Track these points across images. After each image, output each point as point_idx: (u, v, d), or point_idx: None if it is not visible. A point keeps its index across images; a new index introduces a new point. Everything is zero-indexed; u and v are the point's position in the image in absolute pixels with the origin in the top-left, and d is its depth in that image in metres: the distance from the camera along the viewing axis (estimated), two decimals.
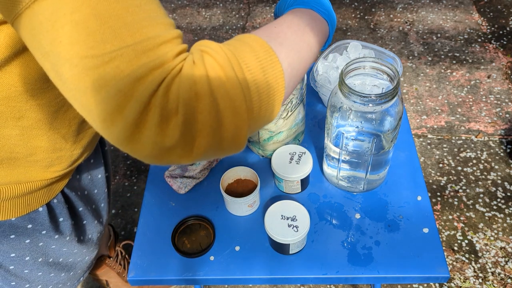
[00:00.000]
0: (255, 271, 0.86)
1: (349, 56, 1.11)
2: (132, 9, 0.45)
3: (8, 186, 0.73)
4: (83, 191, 0.93)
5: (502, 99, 2.11)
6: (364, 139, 0.82)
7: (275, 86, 0.51)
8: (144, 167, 1.94)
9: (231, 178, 0.96)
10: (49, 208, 0.83)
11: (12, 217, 0.77)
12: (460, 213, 1.71)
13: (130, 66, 0.43)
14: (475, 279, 1.54)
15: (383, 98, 0.74)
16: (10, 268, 0.86)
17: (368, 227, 0.90)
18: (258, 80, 0.49)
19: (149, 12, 0.46)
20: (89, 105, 0.44)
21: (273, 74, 0.51)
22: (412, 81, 2.23)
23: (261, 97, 0.49)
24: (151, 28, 0.45)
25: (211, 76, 0.45)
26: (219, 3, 2.79)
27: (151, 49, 0.44)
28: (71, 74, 0.43)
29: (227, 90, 0.46)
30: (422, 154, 1.92)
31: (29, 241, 0.83)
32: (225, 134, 0.47)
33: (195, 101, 0.44)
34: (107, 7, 0.43)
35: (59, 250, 0.91)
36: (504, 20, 2.53)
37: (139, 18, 0.45)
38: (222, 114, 0.46)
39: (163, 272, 0.87)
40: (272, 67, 0.51)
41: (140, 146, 0.45)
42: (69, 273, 1.00)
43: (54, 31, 0.42)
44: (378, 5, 2.70)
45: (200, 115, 0.44)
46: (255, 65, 0.49)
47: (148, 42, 0.44)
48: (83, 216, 0.95)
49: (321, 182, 0.99)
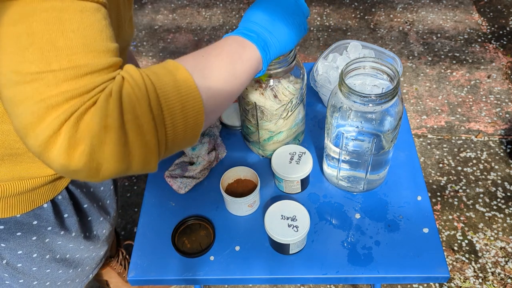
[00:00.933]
0: (255, 271, 0.86)
1: (349, 56, 1.11)
2: (67, 34, 0.46)
3: (11, 182, 0.74)
4: (88, 188, 0.93)
5: (502, 99, 2.11)
6: (364, 139, 0.82)
7: (192, 121, 0.53)
8: None
9: (231, 178, 0.96)
10: (54, 204, 0.83)
11: (17, 214, 0.77)
12: (460, 213, 1.71)
13: (48, 92, 0.44)
14: (475, 279, 1.54)
15: (383, 98, 0.74)
16: (18, 266, 0.86)
17: (368, 227, 0.90)
18: (175, 117, 0.51)
19: (85, 38, 0.47)
20: (9, 112, 0.47)
21: (193, 110, 0.52)
22: (412, 81, 2.23)
23: (176, 131, 0.51)
24: (82, 55, 0.46)
25: (125, 109, 0.47)
26: (219, 3, 2.79)
27: (74, 78, 0.46)
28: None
29: (139, 125, 0.48)
30: (422, 154, 1.92)
31: (36, 238, 0.84)
32: (133, 163, 0.49)
33: (104, 134, 0.46)
34: (42, 28, 0.45)
35: (65, 246, 0.91)
36: (504, 20, 2.53)
37: (72, 44, 0.46)
38: (131, 146, 0.48)
39: (163, 272, 0.87)
40: (192, 104, 0.52)
41: (50, 162, 0.47)
42: (77, 270, 1.00)
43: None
44: (378, 5, 2.70)
45: (107, 147, 0.46)
46: (175, 101, 0.50)
47: (73, 71, 0.46)
48: (88, 213, 0.95)
49: (321, 182, 0.99)
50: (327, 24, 2.59)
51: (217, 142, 1.06)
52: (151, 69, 0.52)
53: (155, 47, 2.55)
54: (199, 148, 1.01)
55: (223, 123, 1.12)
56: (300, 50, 2.44)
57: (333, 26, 2.57)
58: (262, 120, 0.92)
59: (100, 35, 0.49)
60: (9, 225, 0.79)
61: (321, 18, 2.63)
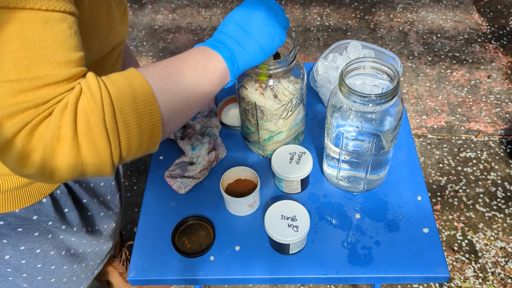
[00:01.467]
0: (255, 271, 0.86)
1: (349, 56, 1.11)
2: (28, 44, 0.47)
3: (5, 177, 0.74)
4: (88, 184, 0.94)
5: (502, 99, 2.11)
6: (364, 139, 0.82)
7: (148, 134, 0.54)
8: (144, 167, 1.94)
9: (231, 178, 0.96)
10: (53, 199, 0.84)
11: (15, 209, 0.78)
12: (460, 213, 1.71)
13: (5, 101, 0.46)
14: (475, 279, 1.54)
15: (383, 98, 0.74)
16: (22, 262, 0.86)
17: (368, 227, 0.90)
18: (130, 129, 0.52)
19: (46, 49, 0.48)
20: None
21: (149, 123, 0.53)
22: (412, 81, 2.23)
23: (131, 143, 0.52)
24: (41, 67, 0.47)
25: (79, 121, 0.49)
26: (219, 3, 2.79)
27: (31, 89, 0.47)
28: None
29: (92, 137, 0.49)
30: (422, 154, 1.92)
31: (38, 233, 0.84)
32: (87, 171, 0.51)
33: (57, 144, 0.48)
34: (3, 38, 0.46)
35: (68, 240, 0.92)
36: (504, 20, 2.53)
37: (32, 55, 0.47)
38: (84, 156, 0.49)
39: (163, 272, 0.87)
40: (149, 117, 0.53)
41: (6, 164, 0.49)
42: (81, 265, 1.00)
43: None
44: (378, 5, 2.70)
45: (59, 157, 0.48)
46: (131, 114, 0.51)
47: (31, 82, 0.47)
48: (88, 208, 0.95)
49: (321, 182, 0.99)
50: (327, 24, 2.59)
51: (217, 142, 1.06)
52: (112, 79, 0.53)
53: (155, 47, 2.55)
54: (199, 148, 1.01)
55: (223, 123, 1.12)
56: (300, 50, 2.44)
57: (333, 26, 2.57)
58: (262, 120, 0.93)
59: (63, 45, 0.49)
60: (9, 220, 0.79)
61: (321, 18, 2.63)
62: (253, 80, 0.88)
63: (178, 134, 1.07)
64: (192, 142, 1.03)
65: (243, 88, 0.90)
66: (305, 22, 2.61)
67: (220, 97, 1.18)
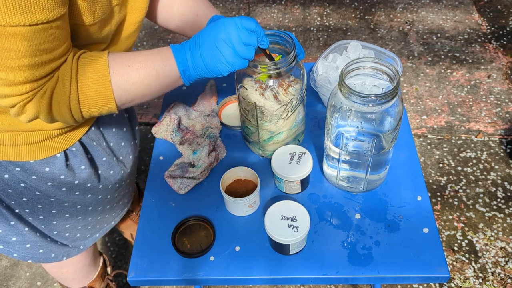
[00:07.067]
0: (255, 271, 0.86)
1: (349, 56, 1.11)
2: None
3: (24, 132, 0.85)
4: (103, 135, 1.01)
5: (502, 99, 2.11)
6: (364, 139, 0.82)
7: (106, 110, 0.77)
8: (144, 167, 1.94)
9: (231, 178, 0.96)
10: (66, 155, 0.92)
11: (31, 159, 0.87)
12: (460, 213, 1.71)
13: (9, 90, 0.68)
14: (475, 279, 1.54)
15: (383, 98, 0.75)
16: (38, 207, 0.96)
17: (368, 227, 0.90)
18: (90, 109, 0.75)
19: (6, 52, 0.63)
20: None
21: (106, 107, 0.76)
22: (412, 81, 2.23)
23: (91, 115, 0.77)
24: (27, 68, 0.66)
25: (53, 103, 0.73)
26: (219, 3, 2.79)
27: (29, 81, 0.68)
28: None
29: (61, 112, 0.74)
30: (422, 154, 1.92)
31: (51, 184, 0.93)
32: (58, 123, 0.83)
33: (38, 114, 0.74)
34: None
35: (84, 198, 1.01)
36: (504, 20, 2.53)
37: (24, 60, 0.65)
38: (56, 119, 0.76)
39: (163, 272, 0.87)
40: (106, 105, 0.75)
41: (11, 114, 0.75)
42: (97, 217, 1.10)
43: None
44: (378, 5, 2.70)
45: (40, 117, 0.75)
46: (91, 101, 0.74)
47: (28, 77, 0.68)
48: (99, 165, 1.00)
49: (321, 182, 0.99)
50: (327, 24, 2.59)
51: (217, 142, 1.06)
52: (85, 63, 0.73)
53: (155, 47, 2.55)
54: (199, 152, 1.01)
55: (223, 123, 1.11)
56: None
57: (333, 26, 2.57)
58: (262, 120, 0.93)
59: (24, 51, 0.65)
60: (25, 167, 0.88)
61: (321, 18, 2.63)
62: (253, 80, 0.88)
63: (177, 139, 1.06)
64: (193, 147, 1.03)
65: (243, 89, 0.90)
66: (305, 22, 2.61)
67: (220, 97, 1.18)
